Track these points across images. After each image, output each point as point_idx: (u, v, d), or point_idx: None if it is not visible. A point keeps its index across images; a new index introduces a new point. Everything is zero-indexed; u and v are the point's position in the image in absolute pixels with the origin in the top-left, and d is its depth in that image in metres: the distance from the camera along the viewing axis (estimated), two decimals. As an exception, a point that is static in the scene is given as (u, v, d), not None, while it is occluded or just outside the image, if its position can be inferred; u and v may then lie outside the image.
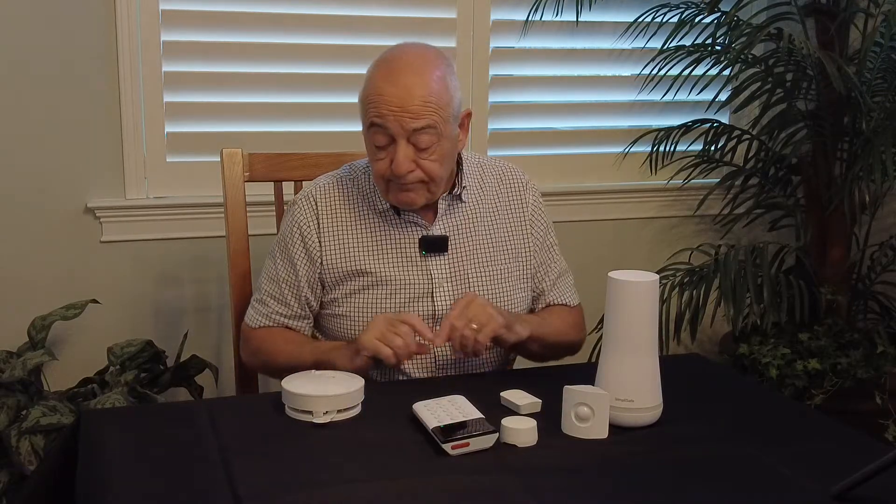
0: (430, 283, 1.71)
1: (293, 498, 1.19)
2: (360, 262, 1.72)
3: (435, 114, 1.59)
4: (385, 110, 1.58)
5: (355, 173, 1.78)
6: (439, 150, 1.62)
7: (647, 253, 2.86)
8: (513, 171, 1.85)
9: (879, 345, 2.47)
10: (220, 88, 2.48)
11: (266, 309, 1.78)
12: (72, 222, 2.40)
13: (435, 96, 1.59)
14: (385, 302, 1.71)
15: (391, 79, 1.59)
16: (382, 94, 1.59)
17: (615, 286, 1.40)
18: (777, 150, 2.76)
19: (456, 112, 1.65)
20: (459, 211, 1.76)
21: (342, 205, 1.75)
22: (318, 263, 1.73)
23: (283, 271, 1.76)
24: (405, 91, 1.58)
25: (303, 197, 1.77)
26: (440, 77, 1.61)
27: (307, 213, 1.74)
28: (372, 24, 2.56)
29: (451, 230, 1.74)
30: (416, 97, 1.57)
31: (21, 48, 2.30)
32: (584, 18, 2.67)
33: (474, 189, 1.78)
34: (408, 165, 1.60)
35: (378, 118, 1.60)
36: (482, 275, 1.75)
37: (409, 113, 1.57)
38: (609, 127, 2.87)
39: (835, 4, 2.60)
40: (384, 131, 1.60)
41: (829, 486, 1.22)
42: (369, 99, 1.61)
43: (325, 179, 1.79)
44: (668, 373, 1.45)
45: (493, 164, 1.84)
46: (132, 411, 1.86)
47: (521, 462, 1.30)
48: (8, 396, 2.12)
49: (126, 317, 2.46)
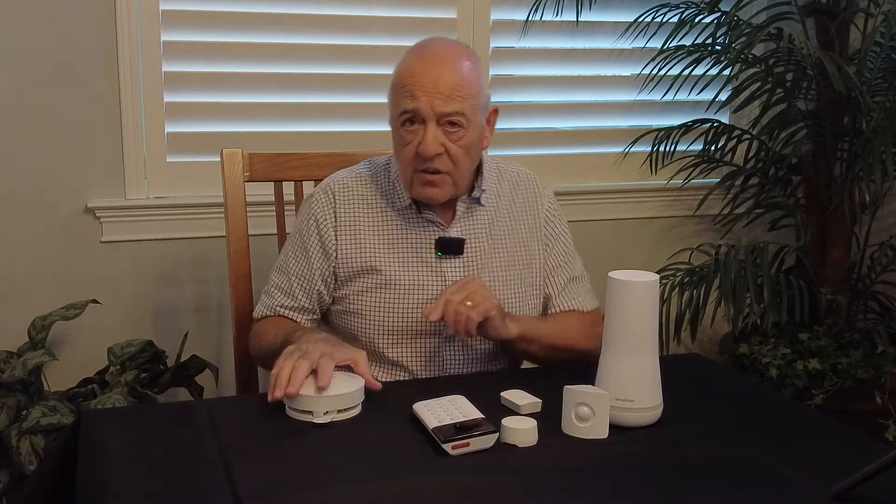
0: (443, 284, 1.71)
1: (293, 498, 1.19)
2: (375, 260, 1.72)
3: (465, 101, 1.62)
4: (418, 91, 1.61)
5: (375, 169, 1.79)
6: (467, 138, 1.65)
7: (648, 253, 2.86)
8: (529, 177, 1.86)
9: (879, 345, 2.47)
10: (220, 88, 2.48)
11: (271, 301, 1.78)
12: (72, 222, 2.41)
13: (466, 83, 1.63)
14: (397, 302, 1.71)
15: (424, 63, 1.63)
16: (415, 75, 1.62)
17: (615, 286, 1.40)
18: (777, 150, 2.76)
19: (484, 104, 1.68)
20: (477, 214, 1.76)
21: (361, 200, 1.75)
22: (332, 257, 1.73)
23: (295, 263, 1.76)
24: (437, 74, 1.61)
25: (321, 190, 1.77)
26: (471, 67, 1.66)
27: (325, 206, 1.75)
28: (372, 24, 2.56)
29: (468, 233, 1.75)
30: (448, 81, 1.61)
31: (21, 48, 2.30)
32: (584, 18, 2.67)
33: (492, 193, 1.79)
34: (436, 147, 1.62)
35: (411, 99, 1.62)
36: (495, 280, 1.75)
37: (440, 94, 1.61)
38: (609, 127, 2.87)
39: (835, 4, 2.60)
40: (415, 113, 1.62)
41: (829, 486, 1.22)
42: (402, 82, 1.64)
43: (344, 174, 1.79)
44: (668, 373, 1.45)
45: (511, 169, 1.85)
46: (132, 411, 1.86)
47: (521, 462, 1.30)
48: (8, 396, 2.12)
49: (126, 317, 2.46)
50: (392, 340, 1.72)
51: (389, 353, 1.72)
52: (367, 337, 1.72)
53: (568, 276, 1.83)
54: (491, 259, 1.75)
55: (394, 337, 1.72)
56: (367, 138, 2.55)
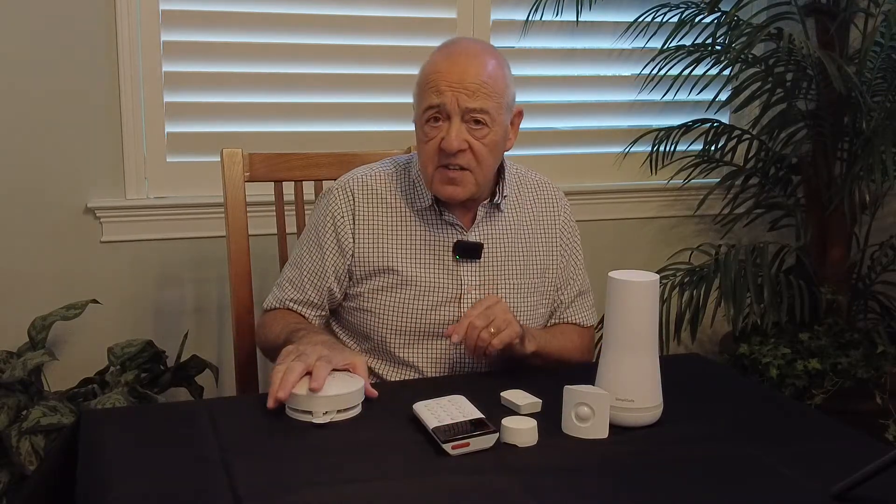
0: (459, 288, 1.71)
1: (293, 498, 1.18)
2: (392, 260, 1.71)
3: (490, 98, 1.62)
4: (444, 86, 1.62)
5: (396, 169, 1.78)
6: (491, 136, 1.64)
7: (648, 253, 2.86)
8: (548, 185, 1.86)
9: (880, 344, 2.47)
10: (220, 88, 2.48)
11: (281, 293, 1.77)
12: (72, 222, 2.41)
13: (492, 80, 1.63)
14: (412, 303, 1.71)
15: (450, 59, 1.64)
16: (441, 70, 1.63)
17: (615, 286, 1.40)
18: (777, 150, 2.76)
19: (509, 103, 1.68)
20: (497, 220, 1.76)
21: (380, 200, 1.74)
22: (349, 255, 1.73)
23: (308, 259, 1.75)
24: (463, 70, 1.62)
25: (339, 187, 1.76)
26: (497, 65, 1.66)
27: (343, 204, 1.74)
28: (372, 24, 2.56)
29: (487, 238, 1.75)
30: (474, 77, 1.62)
31: (21, 48, 2.30)
32: (584, 18, 2.67)
33: (512, 200, 1.79)
34: (459, 143, 1.62)
35: (436, 94, 1.62)
36: (511, 286, 1.75)
37: (466, 90, 1.61)
38: (609, 127, 2.87)
39: (835, 4, 2.60)
40: (440, 109, 1.62)
41: (829, 486, 1.22)
42: (428, 78, 1.65)
43: (364, 171, 1.79)
44: (668, 373, 1.45)
45: (531, 176, 1.85)
46: (132, 411, 1.86)
47: (521, 462, 1.30)
48: (8, 396, 2.12)
49: (126, 317, 2.47)
50: (404, 340, 1.72)
51: (400, 353, 1.72)
52: (379, 336, 1.72)
53: (577, 290, 1.85)
54: (506, 266, 1.76)
55: (405, 337, 1.72)
56: (367, 138, 2.55)
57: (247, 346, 1.96)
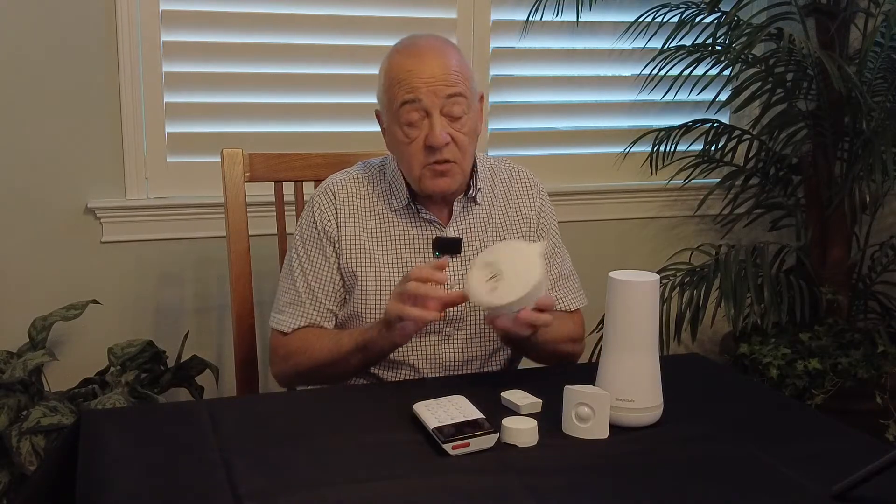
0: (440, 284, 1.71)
1: (293, 498, 1.19)
2: (373, 260, 1.72)
3: (463, 84, 1.65)
4: (418, 83, 1.63)
5: (370, 171, 1.79)
6: (469, 123, 1.67)
7: (648, 253, 2.86)
8: (521, 172, 1.86)
9: (880, 344, 2.47)
10: (220, 88, 2.48)
11: (302, 309, 1.74)
12: (72, 222, 2.41)
13: (460, 68, 1.66)
14: None
15: (417, 57, 1.65)
16: (411, 69, 1.64)
17: (615, 286, 1.40)
18: (777, 150, 2.76)
19: (475, 88, 1.71)
20: (473, 213, 1.77)
21: (358, 202, 1.75)
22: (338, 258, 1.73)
23: (311, 270, 1.74)
24: (434, 63, 1.64)
25: (321, 193, 1.77)
26: (459, 55, 1.70)
27: (326, 208, 1.75)
28: (372, 24, 2.56)
29: (465, 232, 1.75)
30: (445, 67, 1.64)
31: (21, 48, 2.30)
32: (584, 18, 2.67)
33: (487, 192, 1.79)
34: (444, 137, 1.63)
35: (410, 93, 1.63)
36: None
37: (441, 81, 1.63)
38: (609, 127, 2.87)
39: (835, 4, 2.60)
40: (417, 105, 1.63)
41: (829, 486, 1.22)
42: (397, 79, 1.65)
43: (341, 176, 1.79)
44: (668, 373, 1.45)
45: (502, 165, 1.86)
46: (132, 411, 1.86)
47: (521, 462, 1.30)
48: (8, 397, 2.12)
49: (126, 317, 2.47)
50: None
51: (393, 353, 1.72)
52: None
53: (559, 273, 1.84)
54: None
55: None
56: (367, 138, 2.54)
57: (247, 347, 1.96)
